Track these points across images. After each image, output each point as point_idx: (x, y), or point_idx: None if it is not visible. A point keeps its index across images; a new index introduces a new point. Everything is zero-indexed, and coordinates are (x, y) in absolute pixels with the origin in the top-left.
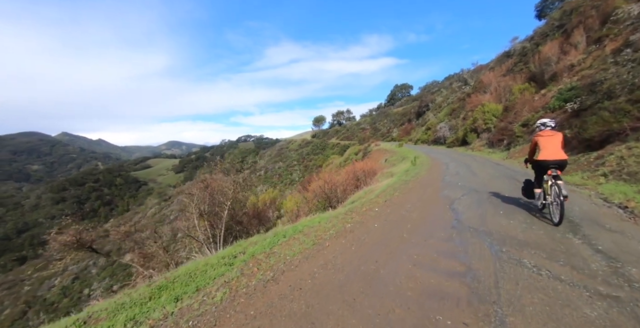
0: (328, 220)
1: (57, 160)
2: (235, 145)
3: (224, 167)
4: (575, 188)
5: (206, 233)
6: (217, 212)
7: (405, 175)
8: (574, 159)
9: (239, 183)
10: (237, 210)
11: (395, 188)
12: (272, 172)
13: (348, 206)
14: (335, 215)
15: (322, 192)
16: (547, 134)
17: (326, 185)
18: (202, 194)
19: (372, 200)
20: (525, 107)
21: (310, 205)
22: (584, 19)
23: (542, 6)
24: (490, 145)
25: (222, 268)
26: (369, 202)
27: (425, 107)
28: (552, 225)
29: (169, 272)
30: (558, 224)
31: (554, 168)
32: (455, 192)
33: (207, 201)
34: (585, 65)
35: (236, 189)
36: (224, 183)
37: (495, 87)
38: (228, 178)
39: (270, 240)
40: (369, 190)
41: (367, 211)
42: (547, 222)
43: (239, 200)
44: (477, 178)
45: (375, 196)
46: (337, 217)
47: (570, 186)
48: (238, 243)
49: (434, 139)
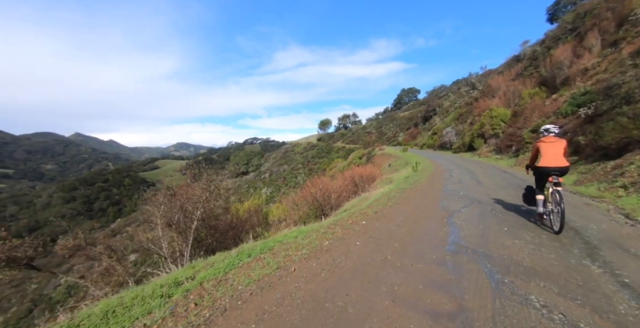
0: (306, 234)
1: (70, 159)
2: (242, 148)
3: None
4: (591, 202)
5: (173, 246)
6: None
7: (404, 183)
8: (589, 167)
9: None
10: (210, 220)
11: (390, 197)
12: (277, 174)
13: (338, 216)
14: (316, 229)
15: (313, 200)
16: (549, 140)
17: (318, 192)
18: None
19: (362, 211)
20: (535, 112)
21: (301, 212)
22: (599, 22)
23: (554, 9)
24: (498, 151)
25: (154, 302)
26: (358, 213)
27: (432, 111)
28: (565, 249)
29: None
30: (558, 232)
31: (554, 175)
32: (456, 203)
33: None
34: (600, 69)
35: (208, 198)
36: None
37: (504, 92)
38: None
39: (230, 261)
40: (364, 197)
41: (352, 224)
42: (558, 244)
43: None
44: (481, 188)
45: (366, 206)
46: (318, 231)
47: (586, 198)
48: (192, 264)
49: (440, 144)
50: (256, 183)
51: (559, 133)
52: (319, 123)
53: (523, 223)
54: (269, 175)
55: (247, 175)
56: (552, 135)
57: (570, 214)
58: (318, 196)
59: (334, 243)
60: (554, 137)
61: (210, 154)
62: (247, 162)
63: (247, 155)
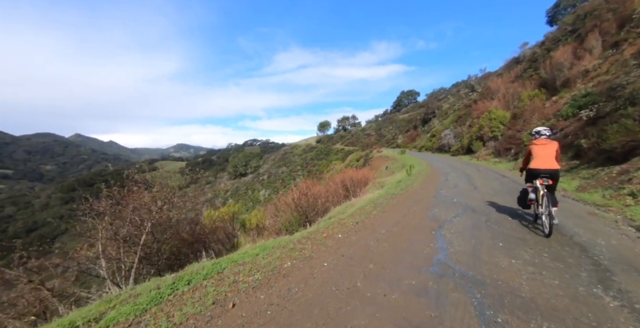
0: (270, 251)
1: (70, 160)
2: (242, 149)
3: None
4: (596, 211)
5: (117, 264)
6: (138, 236)
7: (395, 187)
8: (592, 172)
9: (166, 199)
10: (165, 233)
11: (377, 204)
12: (276, 176)
13: (314, 227)
14: (284, 244)
15: (296, 207)
16: (541, 142)
17: (302, 198)
18: (116, 212)
19: (342, 221)
20: (535, 115)
21: (283, 220)
22: (600, 23)
23: (553, 12)
24: (497, 154)
25: None
26: (337, 224)
27: (431, 113)
28: (570, 271)
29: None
30: (548, 236)
31: (545, 178)
32: (448, 212)
33: (122, 222)
34: (601, 70)
35: (161, 207)
36: (144, 199)
37: (503, 94)
38: (148, 194)
39: (159, 292)
40: (350, 204)
41: (327, 238)
42: (562, 264)
43: (168, 220)
44: (477, 193)
45: (348, 215)
46: (285, 246)
47: (590, 207)
48: (107, 297)
49: (438, 147)
50: (254, 185)
51: (550, 135)
52: (318, 125)
53: (521, 238)
54: (268, 177)
55: (245, 177)
56: (544, 137)
57: (574, 226)
58: (302, 202)
59: (296, 265)
60: (545, 140)
61: (209, 156)
62: (245, 163)
63: (245, 157)
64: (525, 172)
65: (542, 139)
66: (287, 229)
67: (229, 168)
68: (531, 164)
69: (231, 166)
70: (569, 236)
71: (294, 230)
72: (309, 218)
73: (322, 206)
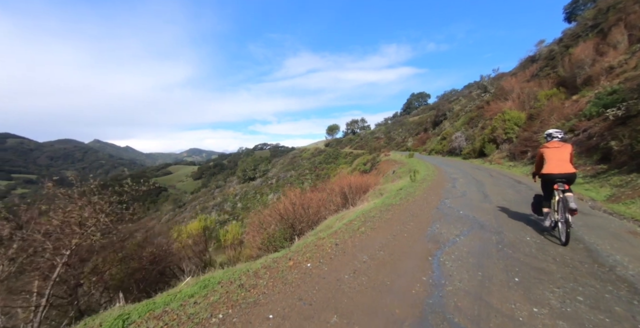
0: (210, 290)
1: (88, 165)
2: (252, 153)
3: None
4: (637, 227)
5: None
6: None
7: (394, 196)
8: (625, 179)
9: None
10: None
11: (368, 218)
12: (284, 180)
13: (282, 252)
14: (234, 277)
15: (281, 218)
16: (553, 145)
17: (289, 207)
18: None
19: (320, 241)
20: (554, 115)
21: (265, 235)
22: (625, 16)
23: (571, 8)
24: (512, 157)
25: None
26: (313, 246)
27: (442, 116)
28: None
29: None
30: (565, 244)
31: (560, 183)
32: (451, 229)
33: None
34: (628, 66)
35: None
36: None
37: (518, 94)
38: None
39: None
40: (341, 216)
41: (292, 268)
42: (609, 317)
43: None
44: (487, 204)
45: (330, 233)
46: (234, 281)
47: (629, 222)
48: None
49: (449, 150)
50: (263, 189)
51: (563, 138)
52: (327, 128)
53: (544, 269)
54: (276, 181)
55: (254, 181)
56: (557, 140)
57: (614, 250)
58: (289, 213)
59: (230, 318)
60: (558, 142)
61: (221, 160)
62: (254, 167)
63: (254, 161)
64: (540, 178)
65: (554, 142)
66: (271, 244)
67: (238, 172)
68: (545, 169)
69: (240, 170)
70: (608, 266)
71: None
72: (296, 230)
73: (315, 216)
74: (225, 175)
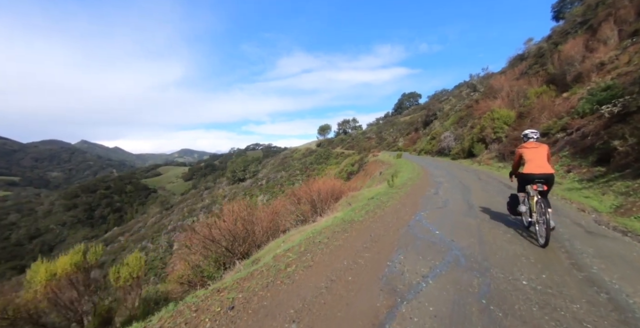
0: None
1: (75, 167)
2: (244, 154)
3: None
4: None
5: None
6: None
7: (360, 209)
8: (632, 185)
9: None
10: None
11: (311, 244)
12: (274, 181)
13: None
14: None
15: (208, 241)
16: (531, 145)
17: (222, 226)
18: None
19: (210, 300)
20: (544, 113)
21: (192, 263)
22: (615, 11)
23: (559, 6)
24: (501, 158)
25: None
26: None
27: (432, 115)
28: None
29: None
30: (544, 246)
31: (539, 183)
32: (418, 264)
33: None
34: (620, 61)
35: None
36: None
37: (507, 92)
38: None
39: None
40: (288, 237)
41: None
42: None
43: None
44: (472, 219)
45: (238, 279)
46: None
47: (634, 239)
48: None
49: (438, 150)
50: (253, 190)
51: (538, 138)
52: (319, 128)
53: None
54: (266, 182)
55: (244, 182)
56: (532, 140)
57: (636, 288)
58: (226, 234)
59: None
60: (535, 143)
61: (212, 160)
62: (244, 168)
63: (244, 162)
64: (518, 178)
65: (531, 142)
66: (196, 276)
67: (227, 173)
68: (525, 169)
69: (229, 171)
70: (632, 312)
71: (206, 280)
72: (236, 253)
73: (265, 232)
74: (215, 177)
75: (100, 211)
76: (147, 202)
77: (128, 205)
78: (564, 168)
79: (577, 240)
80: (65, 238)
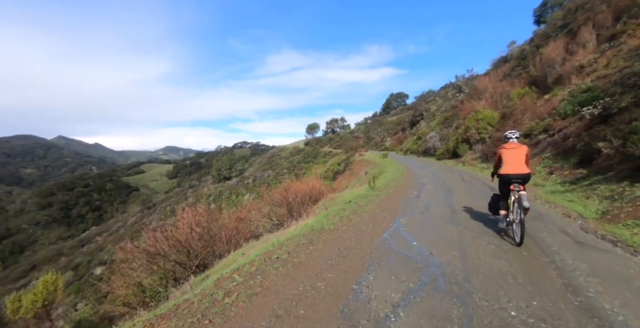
0: None
1: (51, 164)
2: (231, 152)
3: None
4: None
5: None
6: None
7: (334, 215)
8: (616, 189)
9: None
10: None
11: (267, 262)
12: (261, 180)
13: None
14: None
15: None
16: (511, 146)
17: (178, 234)
18: None
19: None
20: (527, 114)
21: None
22: (593, 15)
23: (540, 11)
24: (484, 158)
25: None
26: None
27: (419, 116)
28: None
29: None
30: (519, 245)
31: (516, 183)
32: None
33: None
34: (598, 65)
35: None
36: None
37: (491, 93)
38: None
39: None
40: (247, 249)
41: None
42: None
43: None
44: (454, 226)
45: (159, 315)
46: None
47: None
48: None
49: (424, 150)
50: (239, 189)
51: (518, 138)
52: (307, 127)
53: None
54: (253, 181)
55: (229, 180)
56: (512, 141)
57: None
58: (170, 246)
59: None
60: (515, 143)
61: (198, 158)
62: (230, 167)
63: (230, 160)
64: (498, 178)
65: (512, 143)
66: (136, 297)
67: (212, 171)
68: (502, 169)
69: (215, 169)
70: None
71: (152, 298)
72: (189, 268)
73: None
74: (201, 175)
75: (78, 210)
76: (128, 201)
77: (108, 203)
78: (546, 170)
79: (567, 252)
80: (38, 238)
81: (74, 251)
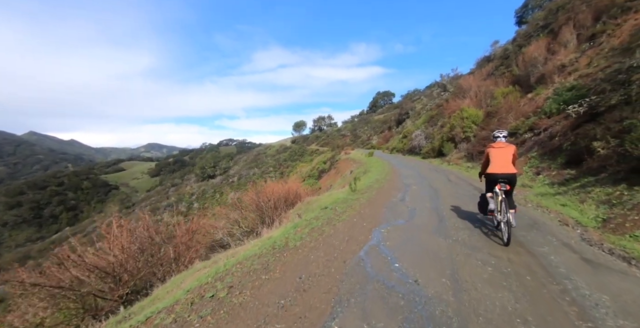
0: None
1: (22, 161)
2: (216, 149)
3: None
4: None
5: None
6: None
7: (305, 225)
8: (613, 192)
9: None
10: None
11: (199, 299)
12: (246, 178)
13: None
14: None
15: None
16: (498, 145)
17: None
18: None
19: None
20: (512, 113)
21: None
22: (574, 16)
23: (522, 12)
24: (470, 157)
25: None
26: None
27: (405, 114)
28: None
29: None
30: (506, 244)
31: (502, 183)
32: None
33: None
34: (580, 64)
35: None
36: None
37: (475, 92)
38: None
39: None
40: (194, 271)
41: None
42: None
43: None
44: (442, 238)
45: None
46: None
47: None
48: None
49: (409, 148)
50: (223, 187)
51: (506, 138)
52: (294, 125)
53: None
54: (238, 179)
55: (214, 178)
56: (499, 140)
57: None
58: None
59: None
60: (503, 143)
61: (182, 155)
62: (214, 165)
63: (214, 158)
64: (485, 178)
65: (500, 142)
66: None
67: (195, 169)
68: (489, 169)
69: (199, 167)
70: None
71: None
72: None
73: (177, 258)
74: (184, 173)
75: (51, 210)
76: (107, 200)
77: (85, 203)
78: (533, 170)
79: (578, 276)
80: (5, 240)
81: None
